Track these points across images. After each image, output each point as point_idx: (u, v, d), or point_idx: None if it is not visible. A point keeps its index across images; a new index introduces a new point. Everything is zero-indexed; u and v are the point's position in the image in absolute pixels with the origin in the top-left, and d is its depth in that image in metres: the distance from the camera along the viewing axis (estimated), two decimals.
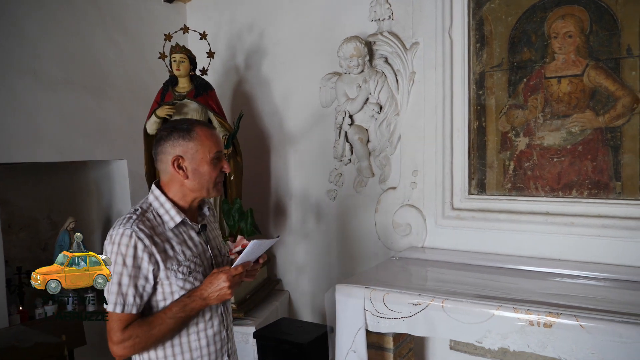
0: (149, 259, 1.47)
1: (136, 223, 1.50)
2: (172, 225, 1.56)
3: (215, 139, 1.61)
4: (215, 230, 1.78)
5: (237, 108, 3.72)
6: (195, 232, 1.62)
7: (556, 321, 1.75)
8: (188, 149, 1.56)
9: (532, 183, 2.59)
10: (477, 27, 2.72)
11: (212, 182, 1.60)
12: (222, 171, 1.63)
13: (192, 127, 1.58)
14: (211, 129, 1.64)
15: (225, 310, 1.68)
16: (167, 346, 1.56)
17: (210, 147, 1.57)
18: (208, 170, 1.58)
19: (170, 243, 1.53)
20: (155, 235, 1.51)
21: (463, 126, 2.74)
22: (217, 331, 1.63)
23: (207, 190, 1.61)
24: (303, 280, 3.46)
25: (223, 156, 1.64)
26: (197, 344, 1.58)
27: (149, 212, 1.56)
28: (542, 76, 2.54)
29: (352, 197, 3.20)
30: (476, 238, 2.67)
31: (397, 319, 2.09)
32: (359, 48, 2.90)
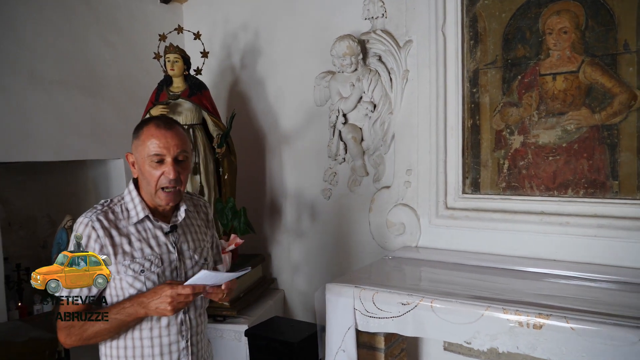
0: (100, 249, 1.47)
1: (96, 214, 1.50)
2: (135, 220, 1.54)
3: (158, 140, 1.50)
4: (197, 234, 1.69)
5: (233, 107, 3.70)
6: (162, 232, 1.58)
7: (546, 322, 1.71)
8: (135, 147, 1.55)
9: (527, 182, 2.55)
10: (470, 24, 2.68)
11: (153, 187, 1.53)
12: (165, 176, 1.51)
13: (145, 124, 1.55)
14: (162, 129, 1.52)
15: (188, 321, 1.60)
16: (121, 347, 1.54)
17: (149, 148, 1.50)
18: (148, 171, 1.52)
19: (129, 238, 1.51)
20: (114, 228, 1.51)
21: (457, 124, 2.71)
22: (174, 341, 1.57)
23: (150, 195, 1.55)
24: (298, 279, 3.44)
25: (171, 161, 1.51)
26: (150, 351, 1.54)
27: (118, 205, 1.56)
28: (536, 73, 2.50)
29: (346, 196, 3.17)
30: (470, 238, 2.63)
31: (386, 319, 2.06)
32: (352, 46, 2.88)
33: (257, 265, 3.29)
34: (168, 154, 1.51)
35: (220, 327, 2.82)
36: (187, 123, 3.00)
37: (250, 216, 3.37)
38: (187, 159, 1.59)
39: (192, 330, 1.62)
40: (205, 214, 1.79)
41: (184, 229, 1.65)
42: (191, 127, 3.00)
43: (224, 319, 2.83)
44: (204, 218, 1.77)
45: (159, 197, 1.54)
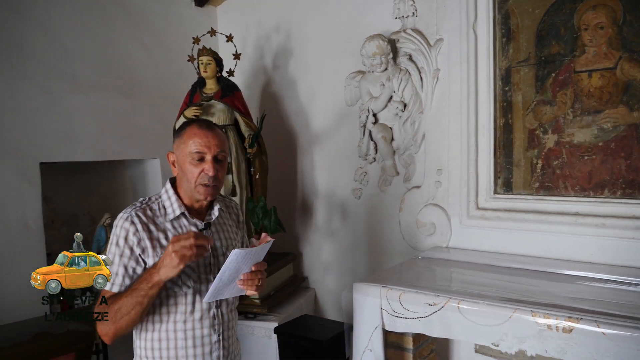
0: (137, 243, 1.53)
1: (135, 210, 1.58)
2: (172, 217, 1.60)
3: (200, 139, 1.57)
4: (229, 232, 1.75)
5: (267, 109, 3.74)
6: (197, 229, 1.63)
7: (576, 326, 1.67)
8: (177, 146, 1.61)
9: (561, 182, 2.49)
10: (503, 21, 2.63)
11: (193, 183, 1.59)
12: (204, 172, 1.58)
13: (187, 124, 1.62)
14: (204, 129, 1.60)
15: (220, 315, 1.65)
16: (155, 339, 1.59)
17: (190, 146, 1.57)
18: (189, 169, 1.58)
19: (165, 233, 1.57)
20: (152, 223, 1.57)
21: (488, 123, 2.67)
22: (207, 334, 1.61)
23: (190, 191, 1.61)
24: (328, 278, 3.46)
25: (211, 160, 1.58)
26: (183, 343, 1.58)
27: (156, 203, 1.63)
28: (571, 70, 2.44)
29: (376, 196, 3.17)
30: (502, 239, 2.59)
31: (413, 319, 2.05)
32: (382, 46, 2.87)
33: (288, 264, 3.33)
34: (209, 152, 1.58)
35: (252, 324, 2.87)
36: (220, 124, 3.06)
37: (282, 215, 3.42)
38: (224, 159, 1.67)
39: (224, 325, 1.67)
40: (236, 215, 1.86)
41: (216, 227, 1.71)
42: (224, 128, 3.06)
43: (255, 316, 2.89)
44: (234, 219, 1.83)
45: (198, 191, 1.61)
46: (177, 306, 1.58)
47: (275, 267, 3.14)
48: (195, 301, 1.60)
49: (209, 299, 1.55)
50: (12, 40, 2.84)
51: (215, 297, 1.56)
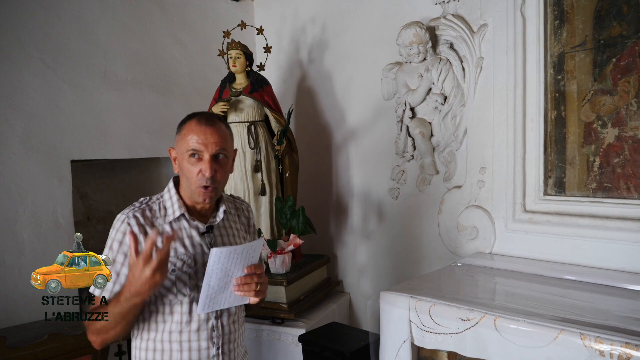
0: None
1: (133, 211, 1.50)
2: (172, 218, 1.51)
3: (197, 136, 1.45)
4: (235, 237, 1.63)
5: (302, 103, 3.63)
6: (198, 232, 1.52)
7: (635, 355, 1.41)
8: (176, 142, 1.51)
9: (623, 183, 2.18)
10: (555, 1, 2.35)
11: (192, 183, 1.48)
12: (200, 173, 1.46)
13: (188, 118, 1.50)
14: (203, 125, 1.47)
15: (220, 327, 1.53)
16: (150, 349, 1.50)
17: (189, 143, 1.45)
18: (187, 168, 1.47)
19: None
20: (150, 225, 1.48)
21: (538, 116, 2.40)
22: (205, 347, 1.50)
23: (190, 191, 1.51)
24: (364, 282, 3.28)
25: (208, 159, 1.46)
26: (178, 355, 1.48)
27: (156, 203, 1.54)
28: (635, 54, 2.13)
29: (415, 196, 2.95)
30: (552, 246, 2.31)
31: (444, 335, 1.84)
32: (419, 34, 2.66)
33: (321, 266, 3.17)
34: (206, 151, 1.47)
35: (278, 330, 2.74)
36: (249, 120, 2.95)
37: (316, 215, 3.27)
38: (226, 157, 1.53)
39: (224, 337, 1.55)
40: (246, 218, 1.74)
41: (221, 231, 1.59)
42: (253, 124, 2.94)
43: (282, 321, 2.75)
44: (244, 222, 1.72)
45: (198, 193, 1.50)
46: (173, 315, 1.48)
47: (307, 269, 2.99)
48: (191, 310, 1.49)
49: (203, 309, 1.42)
50: (46, 37, 2.84)
51: (210, 306, 1.43)
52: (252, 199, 2.94)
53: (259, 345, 2.78)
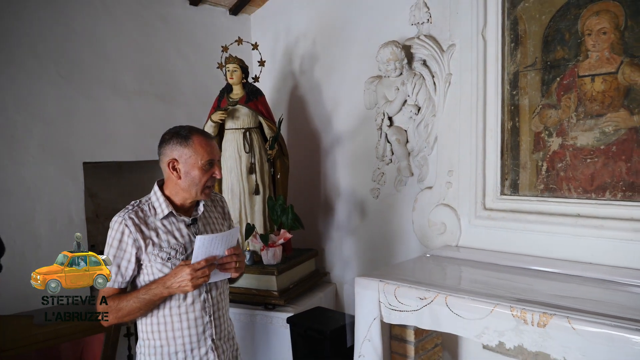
0: (132, 243, 1.74)
1: (128, 213, 1.79)
2: (162, 216, 1.81)
3: (209, 148, 1.81)
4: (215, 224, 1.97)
5: (293, 110, 3.97)
6: (185, 225, 1.85)
7: (549, 321, 1.76)
8: (183, 154, 1.80)
9: (565, 184, 2.54)
10: (511, 26, 2.70)
11: (201, 186, 1.82)
12: (213, 176, 1.84)
13: (190, 134, 1.81)
14: (208, 138, 1.84)
15: (210, 299, 1.87)
16: (154, 323, 1.82)
17: (202, 155, 1.79)
18: (198, 174, 1.80)
19: (156, 231, 1.79)
20: (144, 223, 1.78)
21: (496, 126, 2.74)
22: (199, 316, 1.84)
23: (195, 192, 1.83)
24: (348, 273, 3.62)
25: (217, 164, 1.84)
26: (179, 325, 1.81)
27: (146, 204, 1.84)
28: (575, 75, 2.49)
29: (392, 196, 3.30)
30: (507, 238, 2.66)
31: (407, 312, 2.19)
32: (395, 52, 3.01)
33: (309, 259, 3.51)
34: (216, 158, 1.86)
35: (270, 315, 3.08)
36: (245, 127, 3.29)
37: (306, 213, 3.62)
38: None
39: (214, 307, 1.90)
40: (221, 207, 2.08)
41: (203, 221, 1.93)
42: (248, 131, 3.29)
43: (273, 307, 3.09)
44: (220, 211, 2.06)
45: (205, 193, 1.86)
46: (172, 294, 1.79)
47: (296, 261, 3.34)
48: None
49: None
50: (61, 50, 3.18)
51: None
52: (247, 198, 3.29)
53: (253, 328, 3.13)
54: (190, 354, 1.83)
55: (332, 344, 2.60)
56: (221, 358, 1.90)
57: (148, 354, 1.84)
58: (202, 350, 1.85)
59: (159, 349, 1.82)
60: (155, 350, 1.83)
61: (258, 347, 3.10)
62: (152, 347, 1.83)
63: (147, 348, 1.85)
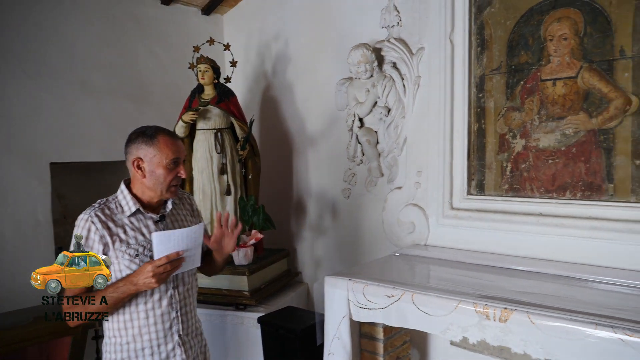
0: (99, 239, 1.75)
1: (94, 210, 1.79)
2: (129, 213, 1.82)
3: (175, 147, 1.83)
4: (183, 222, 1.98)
5: (266, 111, 3.99)
6: (153, 222, 1.86)
7: (510, 316, 1.83)
8: (148, 153, 1.81)
9: (528, 184, 2.62)
10: (478, 31, 2.78)
11: (166, 184, 1.83)
12: (178, 176, 1.85)
13: (156, 134, 1.83)
14: (174, 138, 1.86)
15: (177, 295, 1.89)
16: (121, 320, 1.82)
17: (167, 154, 1.81)
18: (163, 173, 1.81)
19: (124, 228, 1.80)
20: (111, 220, 1.78)
21: (463, 128, 2.81)
22: (166, 312, 1.85)
23: (160, 191, 1.85)
24: (320, 273, 3.65)
25: (182, 163, 1.86)
26: (145, 321, 1.82)
27: (113, 202, 1.85)
28: (538, 79, 2.57)
29: (363, 196, 3.35)
30: (473, 237, 2.73)
31: (375, 310, 2.23)
32: (366, 54, 3.05)
33: (281, 259, 3.53)
34: (181, 157, 1.87)
35: (241, 315, 3.08)
36: (216, 127, 3.29)
37: (278, 213, 3.64)
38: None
39: (181, 302, 1.91)
40: (189, 205, 2.10)
41: (171, 218, 1.95)
42: (219, 131, 3.29)
43: (244, 307, 3.10)
44: (188, 208, 2.07)
45: (170, 191, 1.87)
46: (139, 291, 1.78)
47: (268, 261, 3.35)
48: None
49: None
50: (26, 48, 3.11)
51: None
52: (218, 198, 3.29)
53: (224, 329, 3.13)
54: (157, 349, 1.84)
55: (302, 343, 2.63)
56: (188, 353, 1.92)
57: (114, 351, 1.84)
58: (169, 345, 1.87)
59: (125, 346, 1.83)
60: (121, 347, 1.83)
61: (229, 347, 3.11)
62: (118, 344, 1.83)
63: (113, 345, 1.85)
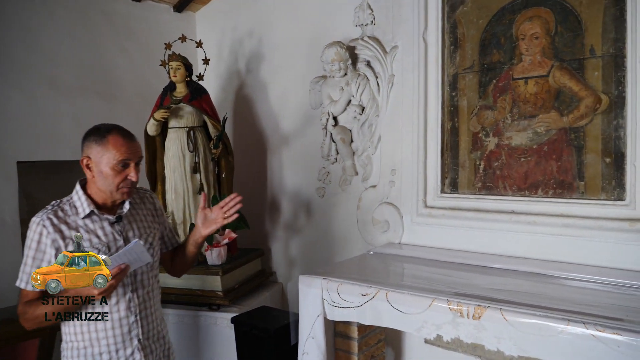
0: (51, 243, 1.69)
1: (47, 213, 1.73)
2: (83, 215, 1.76)
3: (125, 148, 1.75)
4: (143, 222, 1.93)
5: (240, 110, 3.94)
6: (109, 223, 1.80)
7: (483, 313, 1.83)
8: (97, 152, 1.75)
9: (501, 182, 2.64)
10: (451, 30, 2.79)
11: (115, 186, 1.76)
12: (128, 178, 1.78)
13: (107, 133, 1.76)
14: (126, 138, 1.78)
15: (136, 298, 1.82)
16: (77, 324, 1.76)
17: (115, 155, 1.73)
18: (111, 174, 1.74)
19: (78, 231, 1.73)
20: (64, 223, 1.72)
21: (436, 127, 2.82)
22: (124, 316, 1.79)
23: (110, 192, 1.78)
24: (295, 272, 3.62)
25: (134, 165, 1.78)
26: (103, 325, 1.76)
27: (67, 204, 1.79)
28: (510, 77, 2.59)
29: (338, 195, 3.33)
30: (447, 235, 2.74)
31: (349, 308, 2.21)
32: (340, 53, 3.04)
33: (255, 259, 3.49)
34: (132, 160, 1.78)
35: (215, 315, 3.03)
36: (188, 125, 3.23)
37: (252, 212, 3.59)
38: (140, 163, 1.86)
39: (141, 306, 1.85)
40: (151, 204, 2.04)
41: (129, 219, 1.88)
42: (192, 129, 3.23)
43: (218, 307, 3.05)
44: (150, 207, 2.02)
45: (120, 193, 1.79)
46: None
47: (242, 261, 3.31)
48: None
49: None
50: None
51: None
52: (191, 197, 3.23)
53: (197, 330, 3.07)
54: (115, 354, 1.79)
55: (276, 343, 2.59)
56: (149, 358, 1.87)
57: (72, 356, 1.79)
58: (127, 350, 1.81)
59: (83, 351, 1.77)
60: (79, 352, 1.78)
61: (202, 348, 3.05)
62: (75, 348, 1.78)
63: (70, 350, 1.79)
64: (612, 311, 1.74)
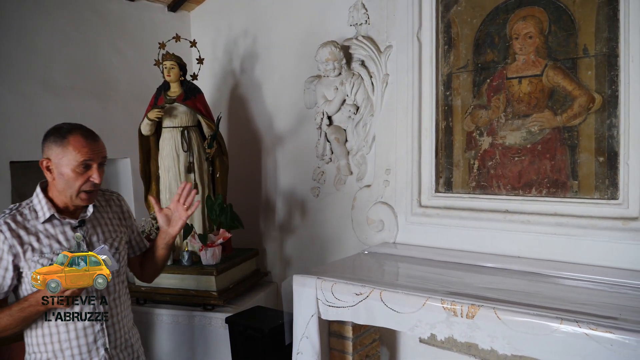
0: (8, 250, 1.62)
1: (4, 218, 1.65)
2: (43, 219, 1.68)
3: (86, 149, 1.65)
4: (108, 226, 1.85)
5: (234, 110, 3.93)
6: (71, 228, 1.72)
7: (477, 312, 1.83)
8: (57, 154, 1.67)
9: (495, 181, 2.64)
10: (445, 29, 2.79)
11: (75, 189, 1.67)
12: (91, 180, 1.69)
13: (68, 133, 1.67)
14: (88, 138, 1.69)
15: (103, 304, 1.74)
16: (39, 335, 1.69)
17: (76, 156, 1.64)
18: (72, 177, 1.66)
19: (37, 236, 1.66)
20: (22, 228, 1.65)
21: (431, 126, 2.82)
22: (89, 324, 1.71)
23: (70, 196, 1.69)
24: (289, 272, 3.62)
25: (97, 167, 1.69)
26: (66, 336, 1.68)
27: (26, 208, 1.71)
28: (504, 77, 2.60)
29: (332, 195, 3.33)
30: (441, 235, 2.74)
31: (343, 308, 2.21)
32: (334, 52, 3.03)
33: (250, 259, 3.48)
34: (95, 161, 1.70)
35: (209, 315, 3.03)
36: (183, 125, 3.22)
37: (247, 212, 3.59)
38: (105, 164, 1.79)
39: (108, 314, 1.77)
40: (118, 206, 1.96)
41: (93, 223, 1.80)
42: (186, 129, 3.22)
43: (212, 307, 3.04)
44: (117, 210, 1.94)
45: (81, 197, 1.71)
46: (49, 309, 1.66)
47: (236, 261, 3.30)
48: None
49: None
50: None
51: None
52: None
53: (191, 330, 3.06)
54: None
55: (271, 343, 2.59)
56: None
57: None
58: None
59: None
60: None
61: (197, 348, 3.04)
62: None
63: None
64: (606, 310, 1.75)
